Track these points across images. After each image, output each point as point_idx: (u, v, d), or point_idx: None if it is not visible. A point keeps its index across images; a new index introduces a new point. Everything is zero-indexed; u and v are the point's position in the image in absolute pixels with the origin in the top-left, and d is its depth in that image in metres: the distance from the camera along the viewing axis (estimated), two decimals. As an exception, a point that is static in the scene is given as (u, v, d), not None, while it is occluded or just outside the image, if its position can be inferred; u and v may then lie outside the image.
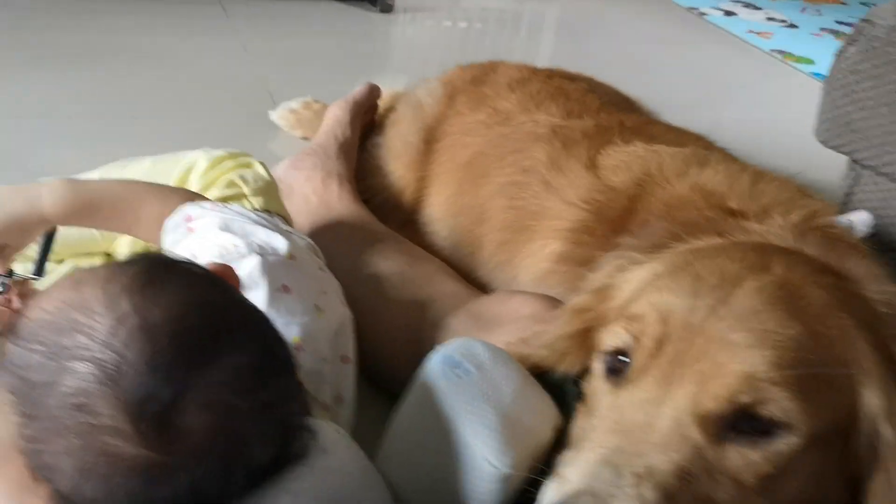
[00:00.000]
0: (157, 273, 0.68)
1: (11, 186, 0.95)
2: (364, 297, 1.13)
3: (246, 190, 1.08)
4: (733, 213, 0.91)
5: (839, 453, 0.70)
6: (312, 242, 1.04)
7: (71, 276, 0.70)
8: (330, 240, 1.29)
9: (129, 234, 1.01)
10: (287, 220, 1.11)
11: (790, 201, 0.94)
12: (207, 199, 1.01)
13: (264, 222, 0.96)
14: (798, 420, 0.66)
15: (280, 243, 0.91)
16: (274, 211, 1.09)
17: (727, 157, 1.15)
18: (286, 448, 0.69)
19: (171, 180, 1.10)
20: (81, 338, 0.63)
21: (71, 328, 0.63)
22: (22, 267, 0.99)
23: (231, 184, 1.07)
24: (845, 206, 1.36)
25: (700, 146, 1.19)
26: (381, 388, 1.09)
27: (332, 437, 0.73)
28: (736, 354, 0.67)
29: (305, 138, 1.75)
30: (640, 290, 0.77)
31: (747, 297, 0.70)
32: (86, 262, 1.11)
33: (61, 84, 1.87)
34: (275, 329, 0.72)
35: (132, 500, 0.62)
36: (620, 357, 0.74)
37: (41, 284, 1.04)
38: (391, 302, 1.11)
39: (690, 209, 0.95)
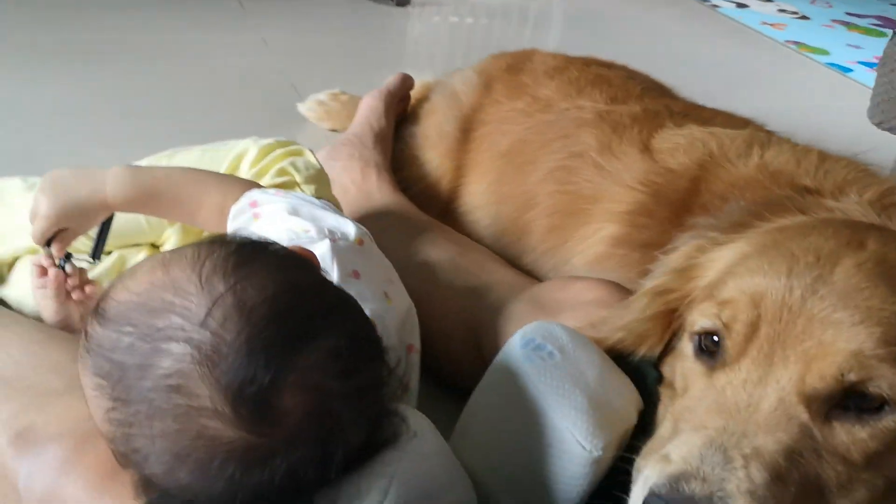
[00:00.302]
0: (247, 254, 0.66)
1: (75, 170, 0.93)
2: (415, 285, 1.10)
3: (298, 178, 1.06)
4: (808, 191, 0.89)
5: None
6: (367, 231, 1.02)
7: (155, 258, 0.68)
8: (373, 230, 1.27)
9: (189, 222, 0.99)
10: (337, 206, 1.09)
11: (861, 179, 0.93)
12: (265, 187, 0.98)
13: (329, 208, 0.94)
14: (907, 395, 0.64)
15: (350, 228, 0.89)
16: (325, 199, 1.07)
17: (784, 139, 1.13)
18: (379, 432, 0.67)
19: (222, 170, 1.08)
20: (175, 318, 0.61)
21: (163, 309, 0.62)
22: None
23: (283, 172, 1.06)
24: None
25: (754, 128, 1.17)
26: (434, 375, 1.07)
27: (420, 422, 0.71)
28: (842, 333, 0.65)
29: (334, 130, 1.73)
30: (727, 270, 0.75)
31: (848, 275, 0.68)
32: (133, 254, 1.09)
33: (77, 81, 1.84)
34: (364, 312, 0.70)
35: (230, 484, 0.60)
36: (713, 337, 0.72)
37: (96, 272, 1.02)
38: (444, 290, 1.09)
39: (759, 189, 0.94)
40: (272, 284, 0.64)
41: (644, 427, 0.78)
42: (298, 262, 0.71)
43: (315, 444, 0.62)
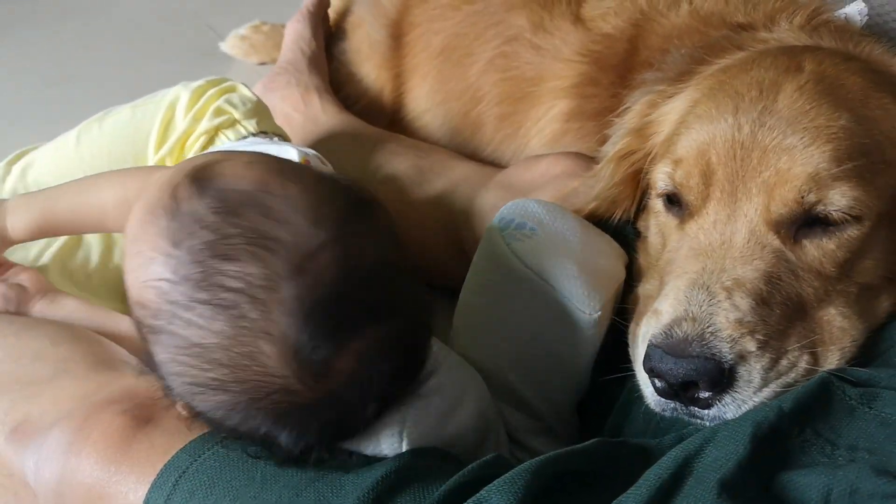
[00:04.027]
0: (361, 210, 0.66)
1: None
2: (386, 200, 1.12)
3: (237, 115, 1.03)
4: (742, 27, 0.92)
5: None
6: (317, 153, 1.01)
7: (269, 158, 0.68)
8: (327, 153, 1.26)
9: (102, 228, 0.93)
10: (284, 137, 1.08)
11: (788, 6, 0.95)
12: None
13: (266, 140, 0.93)
14: (865, 204, 0.69)
15: (291, 153, 0.88)
16: (270, 131, 1.05)
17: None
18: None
19: (156, 124, 1.04)
20: (286, 235, 0.61)
21: (278, 219, 0.61)
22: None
23: (220, 111, 1.03)
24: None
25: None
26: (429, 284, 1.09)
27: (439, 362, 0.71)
28: (796, 157, 0.69)
29: (263, 63, 1.70)
30: (680, 121, 0.78)
31: (791, 100, 0.72)
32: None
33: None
34: (427, 298, 0.71)
35: (247, 419, 0.61)
36: (677, 191, 0.76)
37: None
38: (415, 198, 1.11)
39: (695, 35, 0.96)
40: (375, 252, 0.64)
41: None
42: (396, 235, 0.70)
43: (340, 407, 0.62)
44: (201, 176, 0.64)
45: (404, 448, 0.65)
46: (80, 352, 0.79)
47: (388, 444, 0.65)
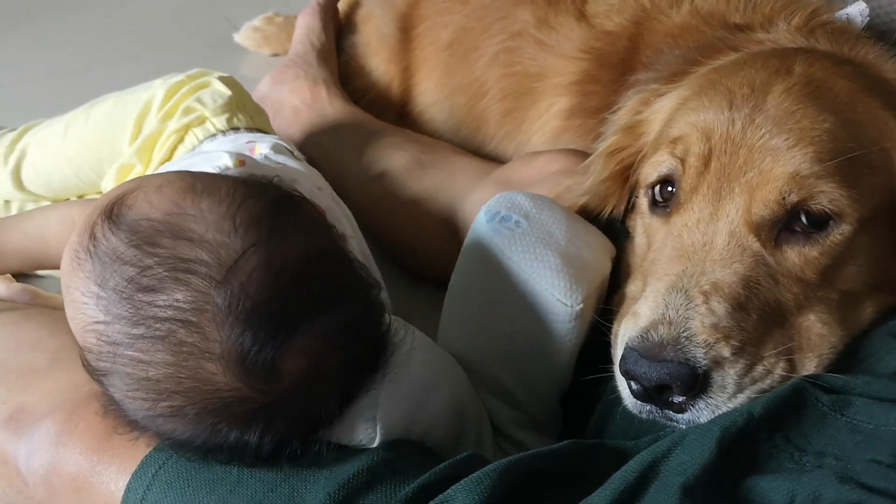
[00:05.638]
0: (283, 208, 0.66)
1: None
2: (387, 193, 1.14)
3: (206, 112, 1.03)
4: (739, 28, 0.91)
5: (891, 233, 0.73)
6: (282, 141, 1.02)
7: (182, 177, 0.67)
8: (333, 146, 1.28)
9: (46, 262, 0.94)
10: (263, 129, 1.08)
11: (787, 7, 0.95)
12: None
13: (207, 148, 0.94)
14: (847, 207, 0.69)
15: (224, 161, 0.87)
16: (244, 126, 1.05)
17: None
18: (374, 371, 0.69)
19: (131, 122, 1.05)
20: (204, 254, 0.61)
21: (193, 240, 0.61)
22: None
23: (188, 110, 1.03)
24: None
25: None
26: (425, 277, 1.11)
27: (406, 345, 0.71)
28: (779, 159, 0.69)
29: (275, 55, 1.71)
30: (671, 118, 0.78)
31: (779, 101, 0.72)
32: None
33: (5, 45, 1.79)
34: (374, 287, 0.70)
35: (212, 434, 0.62)
36: (668, 187, 0.76)
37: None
38: (415, 191, 1.12)
39: (694, 34, 0.96)
40: (302, 247, 0.64)
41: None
42: (326, 227, 0.70)
43: (301, 404, 0.63)
44: (114, 211, 0.64)
45: (379, 435, 0.66)
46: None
47: (364, 431, 0.66)
